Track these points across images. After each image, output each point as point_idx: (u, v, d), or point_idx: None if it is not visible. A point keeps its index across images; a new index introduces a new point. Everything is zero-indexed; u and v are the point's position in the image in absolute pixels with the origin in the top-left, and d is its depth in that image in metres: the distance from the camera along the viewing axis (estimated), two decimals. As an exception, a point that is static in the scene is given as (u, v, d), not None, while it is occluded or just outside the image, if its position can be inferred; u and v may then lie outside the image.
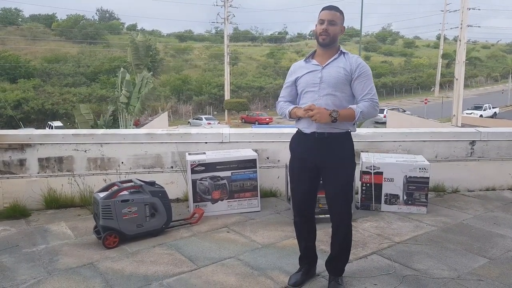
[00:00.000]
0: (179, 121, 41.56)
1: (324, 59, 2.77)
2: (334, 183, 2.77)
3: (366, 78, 2.70)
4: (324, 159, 2.74)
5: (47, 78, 44.20)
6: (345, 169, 2.77)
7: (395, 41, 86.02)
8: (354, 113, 2.66)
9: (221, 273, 3.13)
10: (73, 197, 4.71)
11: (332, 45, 2.75)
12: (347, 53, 2.77)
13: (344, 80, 2.70)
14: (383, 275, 3.08)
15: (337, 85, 2.70)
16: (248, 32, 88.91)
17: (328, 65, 2.74)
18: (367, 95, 2.68)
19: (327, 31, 2.68)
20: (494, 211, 4.60)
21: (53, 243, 3.73)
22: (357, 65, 2.70)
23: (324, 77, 2.72)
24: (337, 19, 2.71)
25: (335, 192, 2.78)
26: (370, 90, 2.69)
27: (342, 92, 2.72)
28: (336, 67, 2.72)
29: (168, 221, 3.91)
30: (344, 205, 2.79)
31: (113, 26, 70.23)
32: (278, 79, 55.53)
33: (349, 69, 2.70)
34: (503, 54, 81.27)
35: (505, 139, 5.41)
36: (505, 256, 3.41)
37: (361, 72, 2.70)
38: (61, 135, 4.78)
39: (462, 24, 27.77)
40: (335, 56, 2.75)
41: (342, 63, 2.73)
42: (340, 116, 2.63)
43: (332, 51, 2.77)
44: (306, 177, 2.83)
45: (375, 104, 2.70)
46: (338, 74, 2.70)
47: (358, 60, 2.74)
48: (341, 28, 2.74)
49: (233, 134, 5.01)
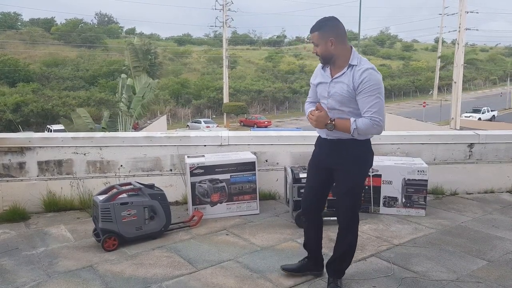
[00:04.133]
0: (178, 124, 41.55)
1: (335, 71, 2.75)
2: (341, 186, 2.83)
3: (368, 94, 2.59)
4: (335, 162, 2.81)
5: (46, 82, 44.23)
6: (353, 174, 2.78)
7: (393, 45, 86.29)
8: (349, 127, 2.64)
9: (220, 275, 3.14)
10: (73, 200, 4.71)
11: (338, 59, 2.70)
12: (357, 65, 2.65)
13: (348, 97, 2.66)
14: (382, 278, 3.09)
15: (343, 101, 2.70)
16: (247, 36, 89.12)
17: (335, 80, 2.73)
18: (367, 112, 2.61)
19: (316, 52, 2.74)
20: (492, 213, 4.61)
21: (52, 245, 3.73)
22: (360, 80, 2.60)
23: (331, 92, 2.75)
24: (316, 39, 2.69)
25: (340, 195, 2.85)
26: (370, 108, 2.59)
27: (349, 107, 2.70)
28: (341, 84, 2.69)
29: (167, 224, 3.92)
30: (349, 209, 2.82)
31: (111, 30, 70.38)
32: (276, 82, 55.66)
33: (352, 86, 2.64)
34: (501, 57, 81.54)
35: (503, 141, 5.43)
36: (503, 259, 3.42)
37: (363, 88, 2.59)
38: (60, 138, 4.79)
39: (460, 27, 27.87)
40: (344, 70, 2.68)
41: (347, 79, 2.66)
42: (336, 128, 2.67)
43: (341, 64, 2.70)
44: (318, 175, 2.94)
45: (375, 122, 2.59)
46: (342, 91, 2.68)
47: (363, 74, 2.60)
48: (327, 43, 2.66)
49: (232, 137, 5.02)
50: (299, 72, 62.05)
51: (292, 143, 5.12)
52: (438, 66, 50.16)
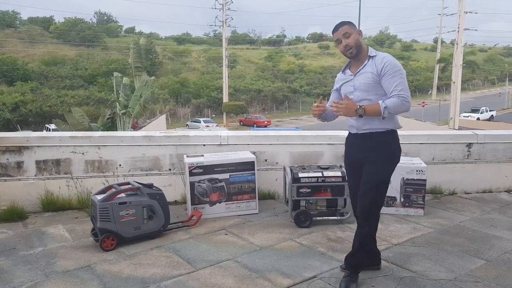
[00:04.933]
0: (177, 123, 41.52)
1: (356, 68, 2.93)
2: (365, 179, 2.89)
3: (391, 75, 2.77)
4: (366, 155, 2.90)
5: (44, 81, 44.13)
6: (380, 167, 2.86)
7: (392, 45, 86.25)
8: (379, 108, 2.74)
9: (219, 275, 3.13)
10: (71, 199, 4.70)
11: (361, 53, 2.88)
12: (376, 55, 2.86)
13: (374, 83, 2.83)
14: (381, 277, 3.08)
15: (369, 89, 2.85)
16: (246, 35, 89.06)
17: (358, 73, 2.90)
18: (394, 91, 2.76)
19: (348, 44, 2.85)
20: (490, 213, 4.61)
21: (50, 245, 3.72)
22: (382, 65, 2.79)
23: (356, 85, 2.90)
24: (347, 30, 2.86)
25: (363, 188, 2.90)
26: (396, 86, 2.75)
27: (376, 94, 2.84)
28: (365, 73, 2.86)
29: (166, 224, 3.91)
30: (368, 202, 2.87)
31: (111, 29, 70.22)
32: (276, 82, 55.62)
33: (376, 71, 2.82)
34: (500, 57, 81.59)
35: (501, 141, 5.43)
36: (501, 258, 3.42)
37: (386, 70, 2.78)
38: (58, 137, 4.78)
39: (459, 27, 27.90)
40: (365, 62, 2.88)
41: (370, 67, 2.85)
42: (366, 112, 2.76)
43: (362, 58, 2.90)
44: (356, 172, 2.99)
45: (403, 99, 2.74)
46: (367, 80, 2.85)
47: (384, 59, 2.81)
48: (358, 33, 2.87)
49: (231, 137, 5.02)
50: (299, 71, 62.02)
51: (292, 142, 5.12)
52: (437, 66, 50.24)
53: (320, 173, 4.19)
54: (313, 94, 54.74)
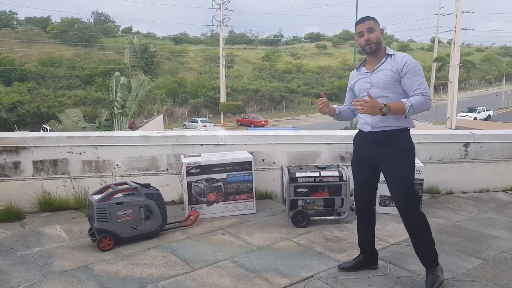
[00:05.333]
0: (175, 123, 41.49)
1: (373, 65, 2.93)
2: (391, 179, 2.90)
3: (413, 74, 2.78)
4: (380, 153, 2.89)
5: (42, 81, 44.03)
6: (402, 164, 2.86)
7: (390, 44, 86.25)
8: (404, 106, 2.74)
9: (216, 275, 3.13)
10: (68, 199, 4.69)
11: (379, 50, 2.89)
12: (394, 54, 2.87)
13: (393, 80, 2.83)
14: (378, 276, 3.09)
15: (387, 86, 2.85)
16: (244, 35, 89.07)
17: (376, 70, 2.90)
18: (417, 89, 2.76)
19: (369, 39, 2.86)
20: (488, 212, 4.63)
21: (47, 245, 3.71)
22: (403, 63, 2.80)
23: (373, 81, 2.90)
24: (373, 25, 2.87)
25: (392, 188, 2.91)
26: (419, 85, 2.77)
27: (394, 92, 2.85)
28: (383, 71, 2.86)
29: (163, 224, 3.91)
30: (405, 202, 2.88)
31: (108, 29, 70.10)
32: (273, 82, 55.64)
33: (396, 69, 2.82)
34: (497, 57, 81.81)
35: (498, 141, 5.45)
36: (499, 257, 3.43)
37: (408, 69, 2.78)
38: (55, 137, 4.77)
39: (456, 27, 27.96)
40: (382, 60, 2.89)
41: (389, 65, 2.85)
42: (391, 110, 2.74)
43: (380, 55, 2.90)
44: (364, 171, 3.03)
45: (427, 97, 2.75)
46: (386, 77, 2.84)
47: (405, 58, 2.82)
48: (380, 31, 2.89)
49: (229, 137, 5.02)
50: (296, 71, 62.02)
51: (289, 142, 5.12)
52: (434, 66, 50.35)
53: (318, 172, 4.20)
54: (310, 94, 54.74)
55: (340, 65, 67.38)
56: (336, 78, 59.89)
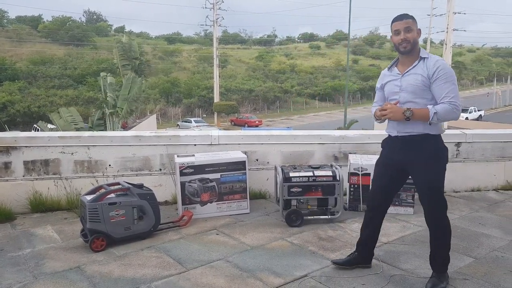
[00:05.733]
0: (168, 123, 41.34)
1: (404, 67, 2.85)
2: (419, 183, 2.89)
3: (444, 81, 2.69)
4: (408, 159, 2.86)
5: (33, 81, 43.66)
6: (429, 169, 2.82)
7: (382, 45, 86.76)
8: (428, 113, 2.69)
9: (210, 275, 3.13)
10: (60, 200, 4.66)
11: (413, 51, 2.80)
12: (428, 57, 2.78)
13: (422, 86, 2.75)
14: (371, 275, 3.10)
15: (416, 92, 2.78)
16: (237, 35, 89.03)
17: (407, 73, 2.82)
18: (445, 98, 2.68)
19: (406, 39, 2.77)
20: (479, 211, 4.66)
21: (39, 246, 3.68)
22: (435, 69, 2.71)
23: (403, 85, 2.83)
24: (412, 25, 2.78)
25: (421, 192, 2.89)
26: (448, 93, 2.68)
27: (423, 98, 2.77)
28: (414, 75, 2.78)
29: (156, 224, 3.89)
30: (430, 205, 2.86)
31: (100, 28, 69.71)
32: (267, 82, 55.64)
33: (427, 74, 2.73)
34: (488, 57, 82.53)
35: (489, 140, 5.50)
36: (490, 256, 3.46)
37: (439, 75, 2.70)
38: (47, 137, 4.73)
39: (448, 28, 28.17)
40: (415, 63, 2.80)
41: (420, 69, 2.77)
42: (414, 115, 2.71)
43: (413, 57, 2.82)
44: (388, 174, 3.01)
45: (454, 106, 2.67)
46: (416, 81, 2.77)
47: (437, 63, 2.72)
48: (418, 32, 2.80)
49: (222, 136, 5.01)
50: (290, 71, 62.11)
51: (283, 142, 5.12)
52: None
53: (311, 172, 4.20)
54: (304, 94, 54.86)
55: (333, 65, 67.61)
56: (329, 79, 60.09)
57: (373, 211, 3.15)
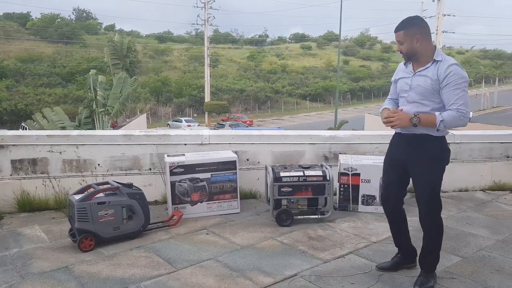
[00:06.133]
0: (158, 123, 41.16)
1: (418, 66, 2.84)
2: (418, 181, 2.90)
3: (454, 87, 2.66)
4: (409, 157, 2.90)
5: (21, 79, 43.13)
6: (428, 169, 2.84)
7: (373, 46, 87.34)
8: (435, 120, 2.69)
9: (200, 275, 3.12)
10: (48, 199, 4.61)
11: (420, 57, 2.79)
12: (442, 60, 2.73)
13: (431, 89, 2.74)
14: (360, 274, 3.12)
15: (424, 94, 2.77)
16: (229, 35, 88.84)
17: (417, 73, 2.81)
18: (454, 104, 2.67)
19: (400, 50, 2.85)
20: (467, 211, 4.72)
21: (26, 246, 3.63)
22: (446, 74, 2.68)
23: (412, 85, 2.83)
24: (401, 38, 2.78)
25: (418, 190, 2.90)
26: (457, 100, 2.66)
27: (431, 101, 2.77)
28: (424, 77, 2.77)
29: (145, 224, 3.87)
30: (428, 205, 2.88)
31: (90, 26, 69.06)
32: (258, 82, 55.67)
33: (437, 78, 2.71)
34: (477, 59, 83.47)
35: (477, 141, 5.56)
36: (477, 255, 3.51)
37: (449, 81, 2.67)
38: (35, 136, 4.68)
39: (437, 29, 28.49)
40: (427, 65, 2.77)
41: (431, 72, 2.74)
42: (421, 122, 2.72)
43: (426, 59, 2.79)
44: (392, 170, 3.05)
45: (462, 114, 2.66)
46: (425, 83, 2.75)
47: (450, 68, 2.68)
48: (413, 40, 2.75)
49: (213, 136, 5.00)
50: (281, 71, 62.21)
51: (273, 142, 5.13)
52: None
53: (302, 172, 4.22)
54: (295, 94, 54.99)
55: (324, 66, 67.87)
56: (320, 79, 60.31)
57: (390, 213, 3.17)
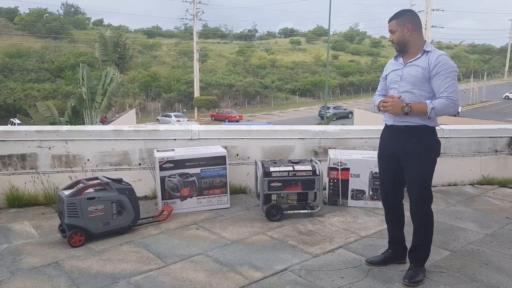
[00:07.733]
0: (148, 118, 40.90)
1: (408, 58, 2.91)
2: (409, 174, 2.92)
3: (444, 75, 2.74)
4: (401, 149, 2.92)
5: (9, 74, 42.54)
6: (420, 161, 2.87)
7: (362, 41, 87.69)
8: (426, 107, 2.75)
9: (190, 269, 3.12)
10: (37, 195, 4.57)
11: (411, 48, 2.87)
12: (432, 51, 2.82)
13: (422, 78, 2.81)
14: (350, 268, 3.15)
15: (415, 83, 2.83)
16: (218, 30, 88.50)
17: (408, 64, 2.89)
18: (444, 92, 2.74)
19: (392, 40, 2.92)
20: (455, 205, 4.77)
21: (16, 242, 3.60)
22: (436, 63, 2.76)
23: (403, 75, 2.90)
24: (394, 27, 2.87)
25: (411, 184, 2.93)
26: (447, 88, 2.73)
27: (421, 89, 2.83)
28: (415, 67, 2.84)
29: (135, 219, 3.86)
30: (419, 197, 2.91)
31: (78, 21, 68.28)
32: (247, 77, 55.57)
33: (427, 67, 2.79)
34: (465, 54, 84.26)
35: (466, 136, 5.62)
36: (466, 249, 3.56)
37: (440, 70, 2.75)
38: (24, 131, 4.63)
39: (426, 24, 28.66)
40: (418, 55, 2.85)
41: (422, 62, 2.82)
42: (412, 110, 2.78)
43: (415, 51, 2.86)
44: (387, 165, 3.07)
45: (452, 101, 2.73)
46: (416, 73, 2.83)
47: (440, 58, 2.76)
48: (403, 30, 2.84)
49: (202, 131, 4.99)
50: (270, 66, 62.20)
51: (263, 137, 5.13)
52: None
53: (291, 167, 4.23)
54: (284, 89, 54.98)
55: (314, 60, 67.95)
56: (309, 74, 60.38)
57: (387, 207, 3.20)
